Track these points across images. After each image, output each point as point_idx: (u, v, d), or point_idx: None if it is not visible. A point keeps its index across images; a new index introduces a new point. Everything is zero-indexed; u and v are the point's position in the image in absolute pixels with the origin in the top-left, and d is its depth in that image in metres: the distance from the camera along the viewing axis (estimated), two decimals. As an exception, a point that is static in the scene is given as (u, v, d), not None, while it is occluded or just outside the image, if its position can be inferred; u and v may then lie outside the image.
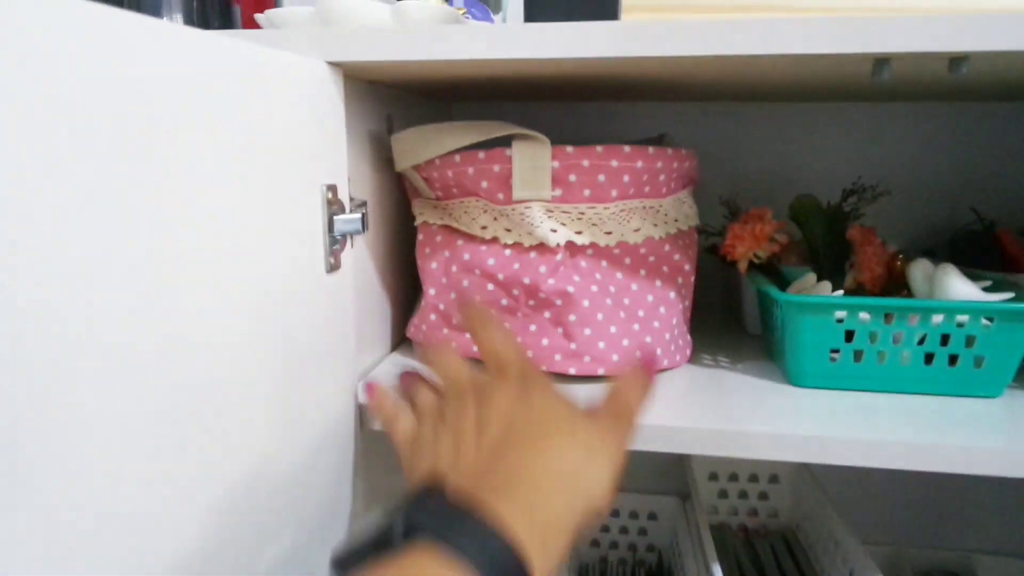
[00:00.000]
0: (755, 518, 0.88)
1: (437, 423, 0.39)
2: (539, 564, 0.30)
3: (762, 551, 0.81)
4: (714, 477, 0.88)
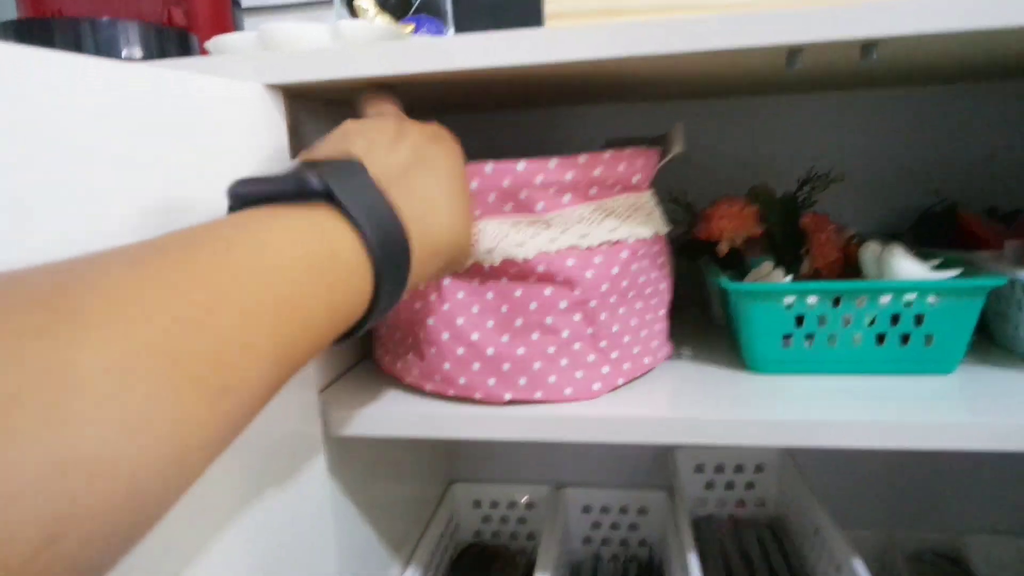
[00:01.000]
0: (742, 508, 0.89)
1: (371, 119, 0.43)
2: (416, 270, 0.36)
3: (749, 541, 0.82)
4: (700, 469, 0.89)
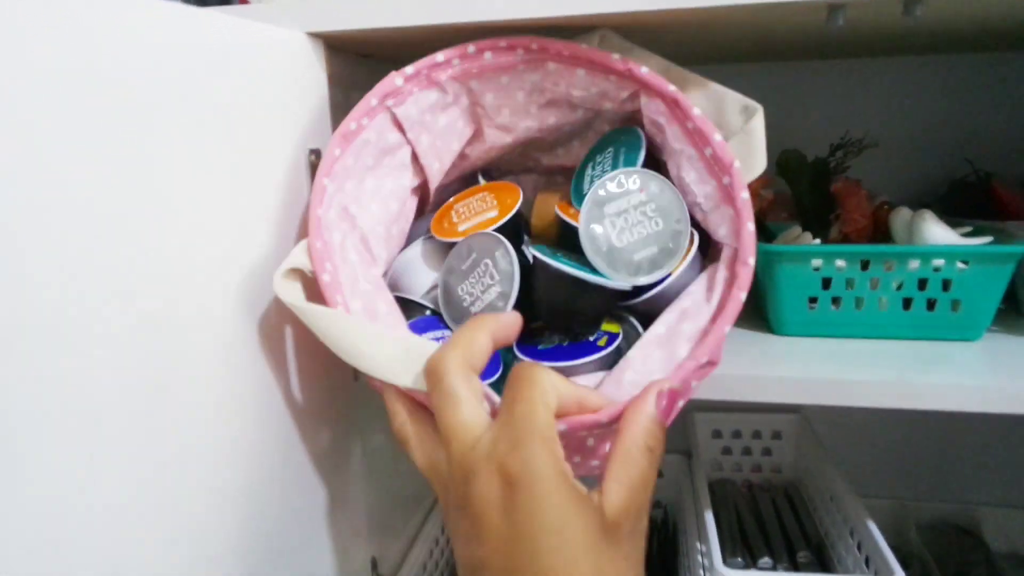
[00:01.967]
0: (758, 474, 0.90)
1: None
2: None
3: (763, 504, 0.83)
4: (718, 435, 0.90)
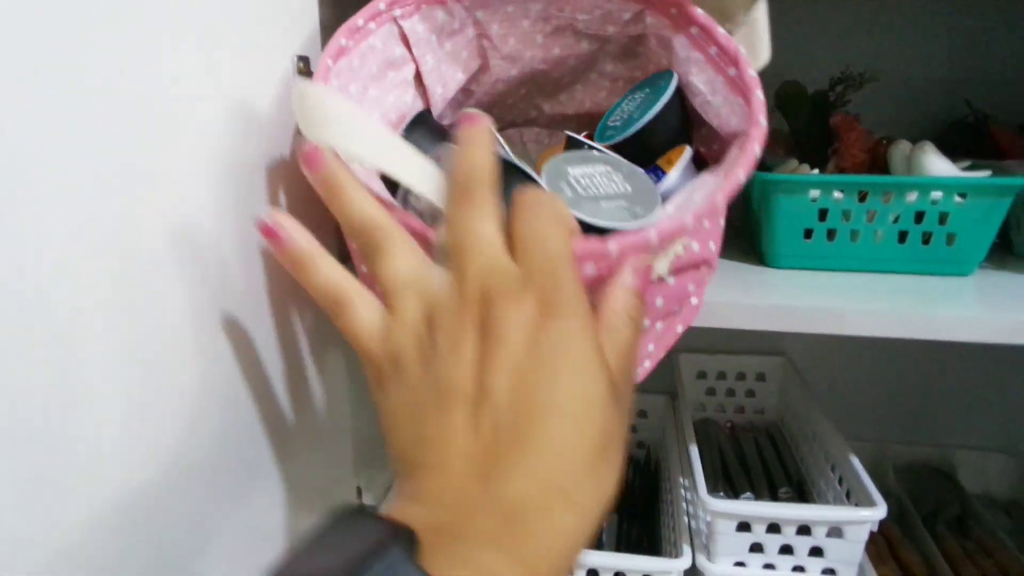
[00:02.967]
0: (742, 415, 0.91)
1: (423, 338, 0.26)
2: None
3: (746, 444, 0.84)
4: (702, 375, 0.91)
